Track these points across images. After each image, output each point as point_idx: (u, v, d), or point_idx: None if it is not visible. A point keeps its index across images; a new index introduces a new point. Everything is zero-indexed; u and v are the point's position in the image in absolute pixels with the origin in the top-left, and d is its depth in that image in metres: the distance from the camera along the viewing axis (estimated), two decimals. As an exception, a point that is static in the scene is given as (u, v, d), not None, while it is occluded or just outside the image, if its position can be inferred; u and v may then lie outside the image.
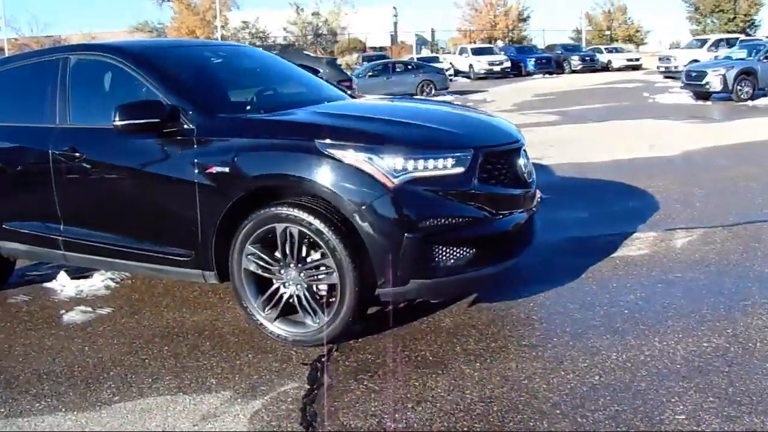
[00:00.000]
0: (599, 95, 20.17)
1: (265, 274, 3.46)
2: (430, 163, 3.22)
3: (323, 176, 3.22)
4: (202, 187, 3.49)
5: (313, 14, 44.20)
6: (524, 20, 46.74)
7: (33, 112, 4.26)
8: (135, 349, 3.56)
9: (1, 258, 4.55)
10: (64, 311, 4.19)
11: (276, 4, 60.15)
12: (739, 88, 16.79)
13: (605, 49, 35.60)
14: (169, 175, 3.60)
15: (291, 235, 3.31)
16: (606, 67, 33.54)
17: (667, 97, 18.52)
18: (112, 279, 4.74)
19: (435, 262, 3.22)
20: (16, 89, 4.45)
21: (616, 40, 42.09)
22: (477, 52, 33.37)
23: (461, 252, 3.27)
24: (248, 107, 4.03)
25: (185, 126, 3.57)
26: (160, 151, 3.64)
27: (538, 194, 3.97)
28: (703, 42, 26.43)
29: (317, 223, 3.22)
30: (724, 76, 16.87)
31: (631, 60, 34.01)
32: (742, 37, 26.22)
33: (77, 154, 3.90)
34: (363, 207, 3.17)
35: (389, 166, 3.18)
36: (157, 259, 3.77)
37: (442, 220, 3.23)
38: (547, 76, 31.87)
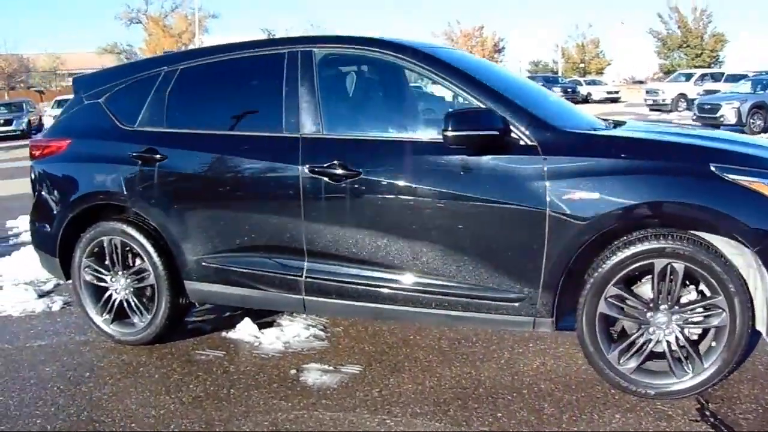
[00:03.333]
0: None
1: (626, 320, 2.88)
2: None
3: (726, 204, 2.72)
4: (555, 217, 2.81)
5: (285, 40, 43.55)
6: (500, 51, 47.38)
7: (252, 118, 3.42)
8: (459, 419, 2.76)
9: (178, 304, 3.62)
10: (294, 371, 3.30)
11: (244, 31, 59.22)
12: (752, 121, 17.08)
13: (584, 81, 36.23)
14: (506, 201, 2.87)
15: (673, 272, 2.76)
16: (586, 99, 34.03)
17: (676, 128, 18.66)
18: (312, 326, 3.86)
19: None
20: (221, 89, 3.58)
21: (589, 73, 43.10)
22: (461, 81, 33.25)
23: None
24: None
25: (522, 142, 2.90)
26: (491, 171, 2.91)
27: None
28: (689, 76, 27.06)
29: (709, 259, 2.72)
30: (738, 109, 17.12)
31: (610, 93, 34.66)
32: (729, 71, 26.99)
33: (343, 172, 3.07)
34: None
35: None
36: (466, 304, 2.99)
37: None
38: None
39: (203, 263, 3.43)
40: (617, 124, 3.58)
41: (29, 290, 4.83)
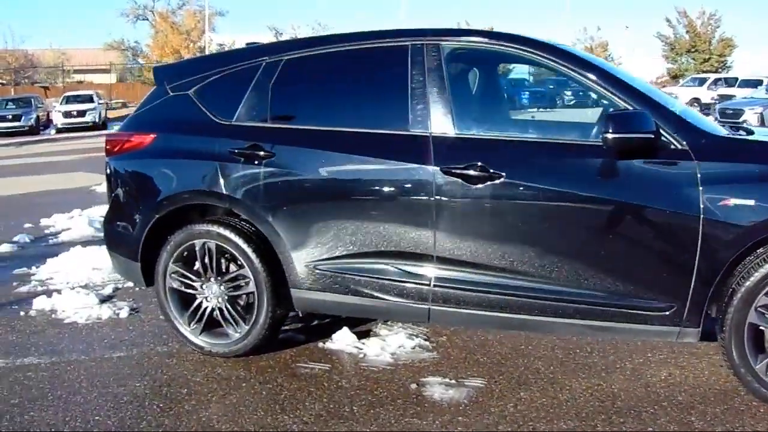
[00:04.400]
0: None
1: None
2: None
3: None
4: (709, 223, 2.67)
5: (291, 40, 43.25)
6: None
7: (371, 114, 3.18)
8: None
9: (278, 313, 3.34)
10: (415, 385, 3.04)
11: (252, 30, 58.86)
12: (774, 126, 16.96)
13: (594, 84, 35.98)
14: (658, 207, 2.76)
15: None
16: (597, 103, 33.81)
17: (697, 132, 18.51)
18: (414, 336, 3.58)
19: None
20: (334, 82, 3.33)
21: (597, 76, 42.78)
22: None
23: None
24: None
25: (672, 146, 2.76)
26: (643, 175, 2.79)
27: None
28: (702, 81, 26.92)
29: None
30: (761, 114, 17.00)
31: (620, 96, 34.37)
32: (743, 76, 26.81)
33: (483, 174, 2.85)
34: None
35: None
36: (610, 314, 2.83)
37: None
38: (541, 110, 31.77)
39: (316, 270, 3.16)
40: (735, 129, 3.40)
41: (90, 295, 4.53)
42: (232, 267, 3.40)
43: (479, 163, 2.86)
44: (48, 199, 9.34)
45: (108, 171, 3.72)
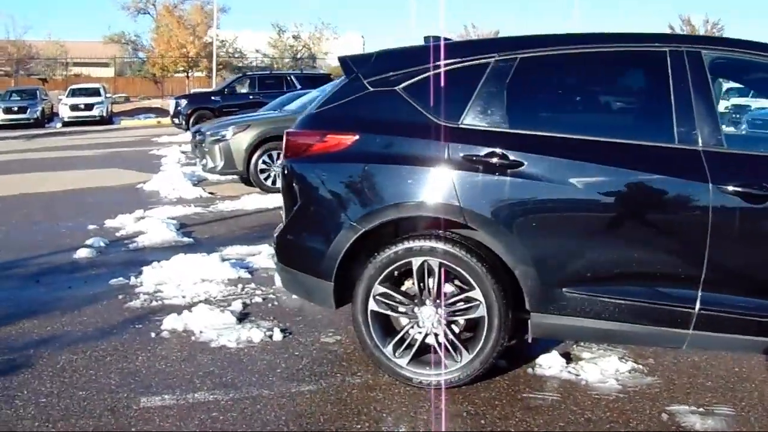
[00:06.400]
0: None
1: None
2: None
3: None
4: None
5: (294, 37, 42.67)
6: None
7: (628, 123, 2.97)
8: None
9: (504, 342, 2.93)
10: (666, 415, 2.78)
11: (254, 26, 58.10)
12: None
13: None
14: None
15: None
16: None
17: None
18: (621, 358, 3.28)
19: None
20: (583, 85, 3.02)
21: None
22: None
23: None
24: None
25: None
26: None
27: None
28: (716, 89, 26.92)
29: None
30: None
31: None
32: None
33: (761, 193, 2.62)
34: None
35: None
36: None
37: None
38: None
39: (563, 293, 2.78)
40: None
41: (225, 312, 4.07)
42: (449, 288, 3.00)
43: (763, 183, 2.61)
44: (97, 198, 8.82)
45: (288, 174, 3.27)
